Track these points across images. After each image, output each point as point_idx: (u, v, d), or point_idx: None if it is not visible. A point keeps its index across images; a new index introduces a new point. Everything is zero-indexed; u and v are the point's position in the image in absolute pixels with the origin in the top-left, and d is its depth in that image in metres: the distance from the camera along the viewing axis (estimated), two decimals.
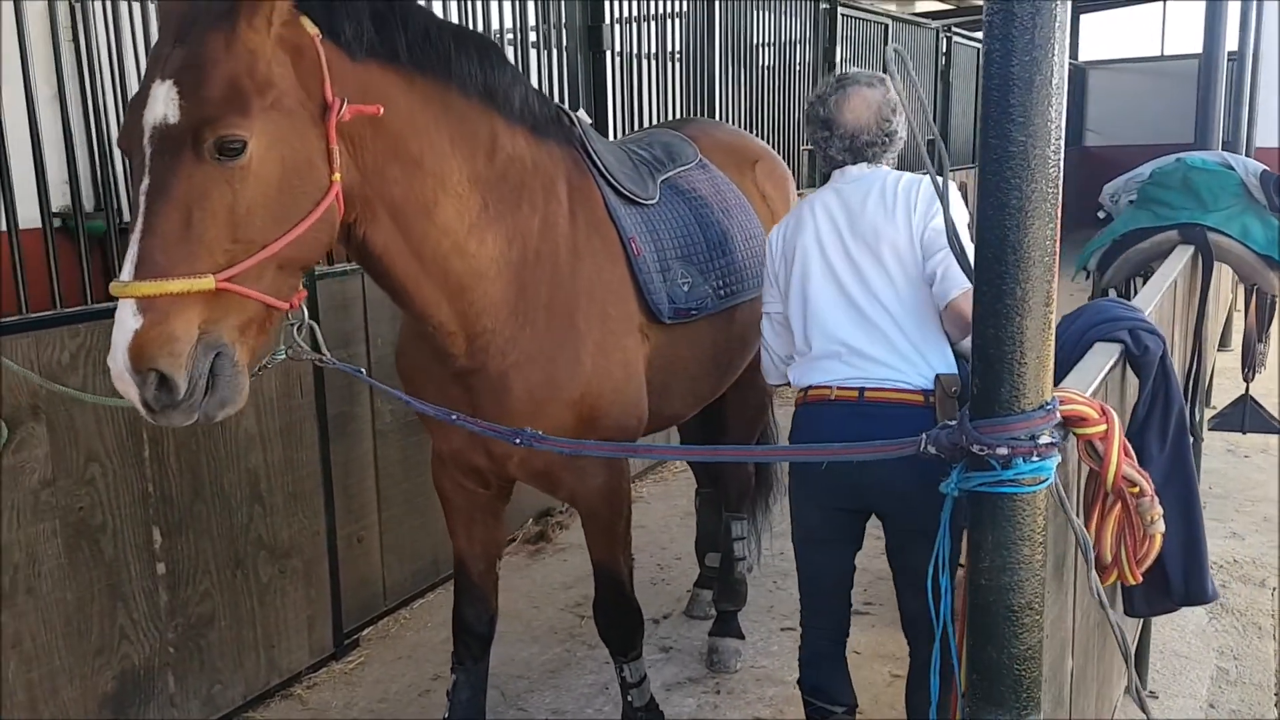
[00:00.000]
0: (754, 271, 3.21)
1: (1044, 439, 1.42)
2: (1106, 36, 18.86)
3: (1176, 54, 17.42)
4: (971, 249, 1.48)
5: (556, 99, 5.43)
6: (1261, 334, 5.65)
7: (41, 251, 3.17)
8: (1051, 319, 1.41)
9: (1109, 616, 1.57)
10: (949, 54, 11.27)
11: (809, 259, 2.66)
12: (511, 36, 5.02)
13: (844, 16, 8.44)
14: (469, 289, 2.55)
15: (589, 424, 2.74)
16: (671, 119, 6.18)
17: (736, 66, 7.00)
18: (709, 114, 6.62)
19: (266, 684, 3.76)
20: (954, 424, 1.50)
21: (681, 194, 3.20)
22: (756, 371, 3.83)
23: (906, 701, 2.74)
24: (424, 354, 2.75)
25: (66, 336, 2.99)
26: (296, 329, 2.40)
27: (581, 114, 2.96)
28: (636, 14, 5.95)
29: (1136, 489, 1.71)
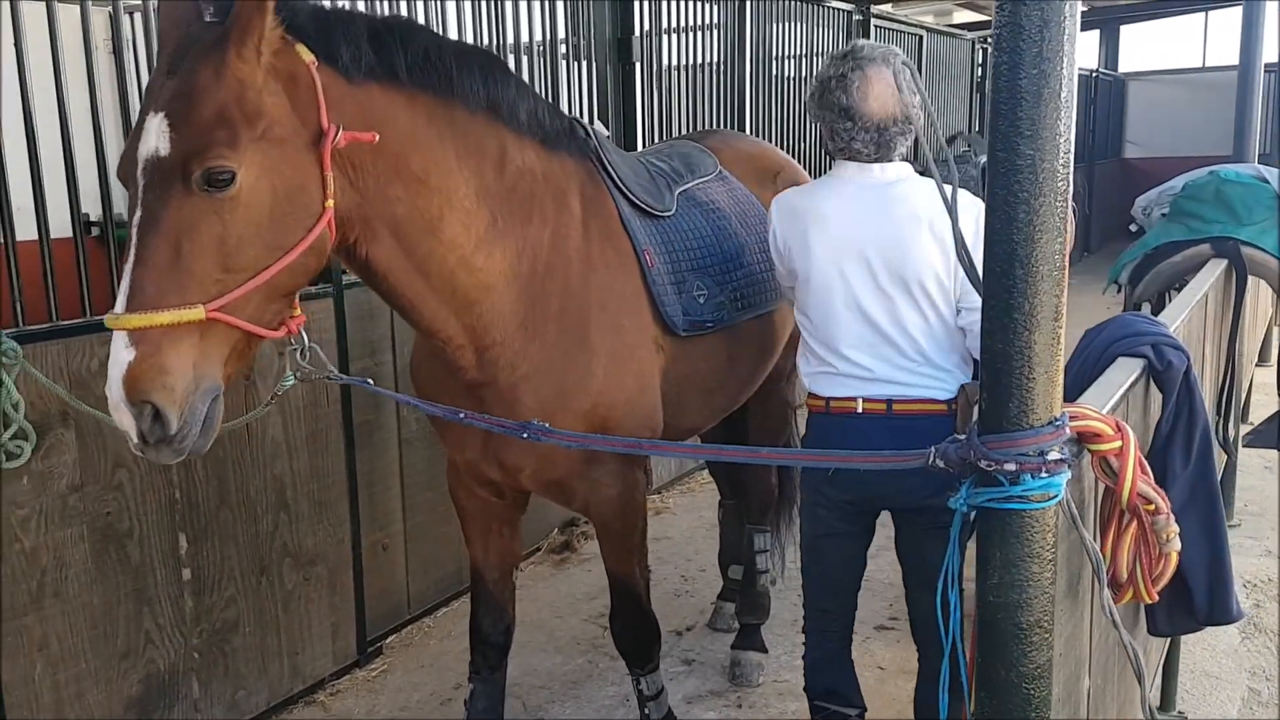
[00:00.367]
0: (772, 284, 3.19)
1: (1053, 455, 1.40)
2: (1148, 48, 18.68)
3: (1217, 65, 17.20)
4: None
5: (586, 110, 5.45)
6: None
7: (71, 260, 3.22)
8: (1060, 334, 1.39)
9: (1122, 635, 1.55)
10: (984, 65, 11.19)
11: (830, 279, 2.53)
12: (542, 49, 5.04)
13: (877, 28, 8.41)
14: (476, 303, 2.55)
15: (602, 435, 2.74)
16: (699, 130, 6.18)
17: (766, 78, 6.98)
18: (738, 126, 6.60)
19: (290, 690, 3.79)
20: (963, 438, 1.48)
21: (699, 206, 3.19)
22: (778, 382, 3.82)
23: (915, 712, 2.71)
24: (437, 367, 2.76)
25: (95, 344, 3.02)
26: (299, 353, 2.40)
27: (598, 126, 2.97)
28: (666, 26, 5.95)
29: (1152, 506, 1.69)
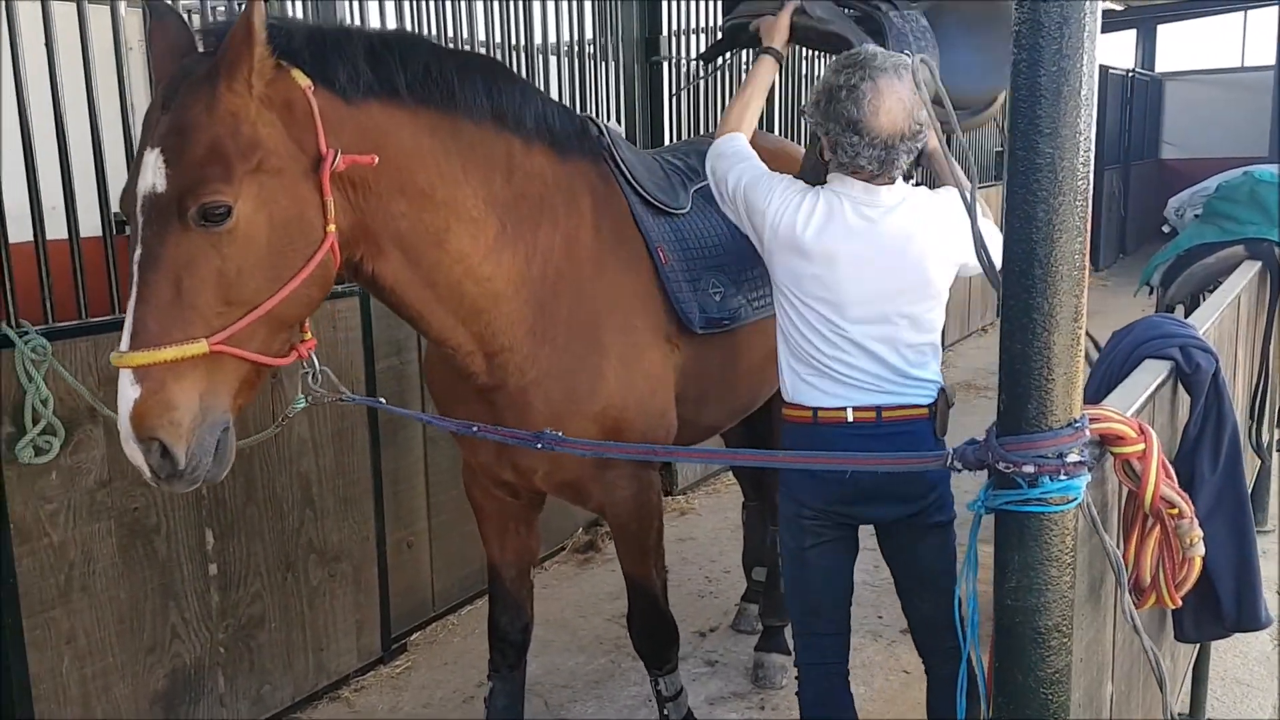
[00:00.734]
0: None
1: (1072, 457, 1.39)
2: (1185, 47, 18.44)
3: (1256, 65, 16.95)
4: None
5: (613, 110, 5.46)
6: None
7: (101, 258, 3.25)
8: (1080, 335, 1.38)
9: (1143, 641, 1.53)
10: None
11: (829, 313, 2.45)
12: (570, 49, 5.05)
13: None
14: (484, 311, 2.54)
15: (614, 436, 2.72)
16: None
17: (793, 76, 6.97)
18: (764, 124, 6.59)
19: (315, 686, 3.81)
20: (981, 440, 1.47)
21: (715, 203, 3.17)
22: None
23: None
24: (449, 372, 2.76)
25: None
26: (311, 377, 2.39)
27: (613, 124, 2.95)
28: (693, 25, 5.96)
29: (1176, 510, 1.66)
